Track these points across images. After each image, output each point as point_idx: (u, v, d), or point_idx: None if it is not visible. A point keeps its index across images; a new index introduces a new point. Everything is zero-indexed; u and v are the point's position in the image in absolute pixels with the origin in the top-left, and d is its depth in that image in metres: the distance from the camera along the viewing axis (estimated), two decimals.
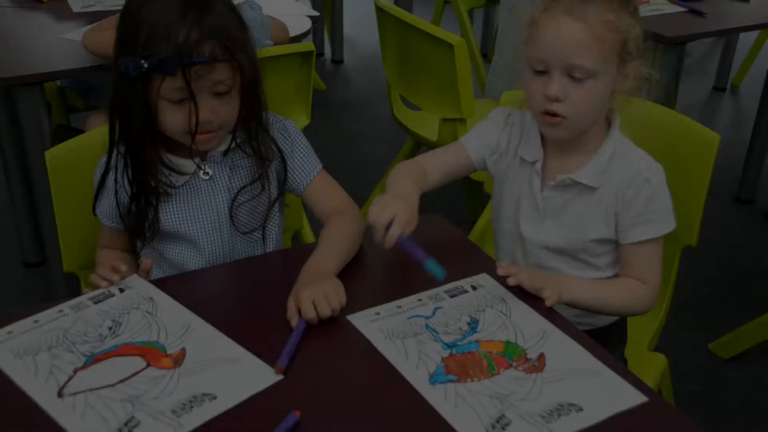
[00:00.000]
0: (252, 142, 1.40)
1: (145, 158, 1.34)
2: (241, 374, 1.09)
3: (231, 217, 1.42)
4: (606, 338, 1.51)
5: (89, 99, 2.67)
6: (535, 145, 1.44)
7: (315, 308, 1.19)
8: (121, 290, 1.28)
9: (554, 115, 1.33)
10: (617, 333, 1.57)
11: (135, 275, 1.31)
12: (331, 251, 1.34)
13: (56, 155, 1.51)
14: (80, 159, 1.53)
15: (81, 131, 2.10)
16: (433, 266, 1.23)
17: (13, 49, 2.22)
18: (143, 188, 1.36)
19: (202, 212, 1.41)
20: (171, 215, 1.40)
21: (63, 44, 2.25)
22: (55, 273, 2.37)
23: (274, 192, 1.45)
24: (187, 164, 1.39)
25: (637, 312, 1.46)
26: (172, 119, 1.29)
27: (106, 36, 2.03)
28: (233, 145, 1.40)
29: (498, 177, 1.52)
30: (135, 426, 1.01)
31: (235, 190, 1.41)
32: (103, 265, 1.33)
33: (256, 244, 1.48)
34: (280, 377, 1.09)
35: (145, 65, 1.23)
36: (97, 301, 1.26)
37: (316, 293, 1.21)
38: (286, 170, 1.45)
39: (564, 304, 1.31)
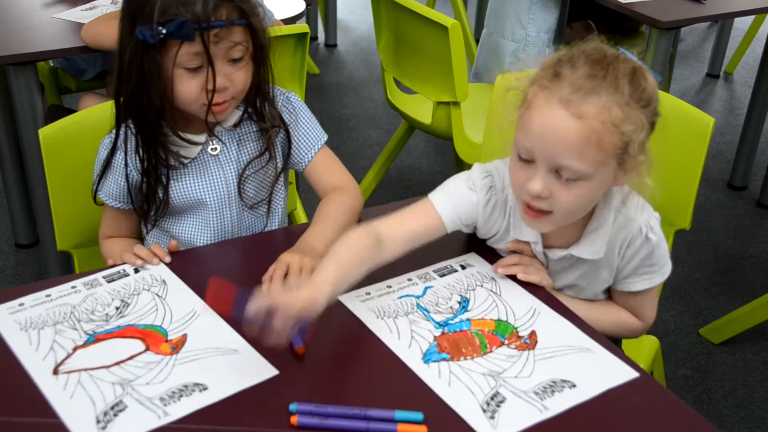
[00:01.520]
0: (258, 113, 1.41)
1: (161, 131, 1.34)
2: (238, 367, 1.09)
3: (239, 190, 1.42)
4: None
5: (82, 79, 2.66)
6: (528, 228, 1.26)
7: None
8: (136, 271, 1.28)
9: (538, 210, 1.17)
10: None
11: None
12: (324, 229, 1.35)
13: (50, 134, 1.51)
14: (74, 137, 1.52)
15: (74, 111, 2.09)
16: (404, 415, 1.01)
17: (5, 29, 2.21)
18: (155, 163, 1.36)
19: (212, 187, 1.41)
20: (181, 191, 1.40)
21: (55, 24, 2.24)
22: (48, 254, 2.36)
23: (279, 164, 1.46)
24: (197, 139, 1.39)
25: (625, 337, 1.41)
26: (187, 88, 1.30)
27: (105, 29, 2.03)
28: (243, 117, 1.41)
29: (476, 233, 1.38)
30: (121, 410, 1.01)
31: (243, 164, 1.42)
32: (126, 249, 1.33)
33: (261, 219, 1.48)
34: (276, 372, 1.07)
35: (164, 31, 1.23)
36: (110, 279, 1.26)
37: (294, 260, 1.23)
38: (290, 142, 1.46)
39: None
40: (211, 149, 1.40)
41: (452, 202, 1.28)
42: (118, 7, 2.19)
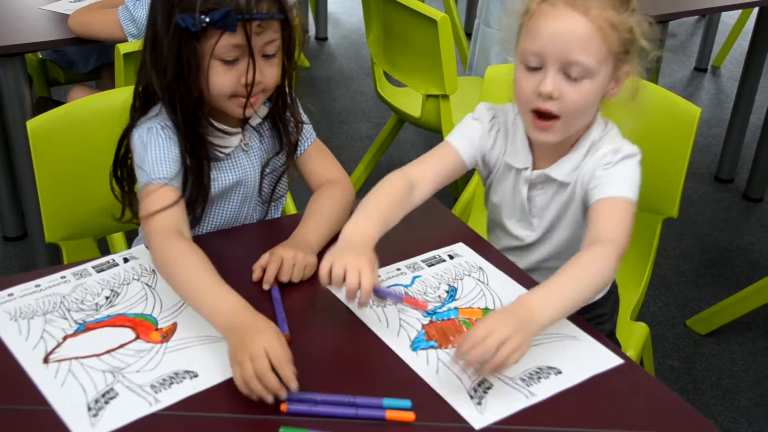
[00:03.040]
0: (282, 111, 1.41)
1: (201, 123, 1.32)
2: (228, 355, 1.07)
3: (260, 186, 1.42)
4: (601, 311, 1.52)
5: (71, 71, 2.65)
6: (523, 151, 1.36)
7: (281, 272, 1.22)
8: (126, 260, 1.29)
9: (546, 116, 1.25)
10: (611, 305, 1.58)
11: (142, 245, 1.31)
12: (318, 224, 1.35)
13: (38, 126, 1.50)
14: (63, 129, 1.52)
15: (63, 103, 2.09)
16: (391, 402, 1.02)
17: None
18: (199, 158, 1.32)
19: (243, 180, 1.40)
20: (216, 185, 1.37)
21: (44, 16, 2.24)
22: (36, 246, 2.36)
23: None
24: (233, 131, 1.38)
25: (606, 282, 1.25)
26: (222, 80, 1.27)
27: (92, 17, 2.03)
28: (273, 114, 1.41)
29: (485, 176, 1.46)
30: (112, 398, 1.01)
31: (264, 160, 1.42)
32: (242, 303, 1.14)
33: (261, 212, 1.48)
34: None
35: (207, 20, 1.21)
36: (100, 269, 1.26)
37: (288, 255, 1.23)
38: (298, 139, 1.46)
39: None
40: (244, 144, 1.39)
41: (464, 135, 1.40)
42: None
